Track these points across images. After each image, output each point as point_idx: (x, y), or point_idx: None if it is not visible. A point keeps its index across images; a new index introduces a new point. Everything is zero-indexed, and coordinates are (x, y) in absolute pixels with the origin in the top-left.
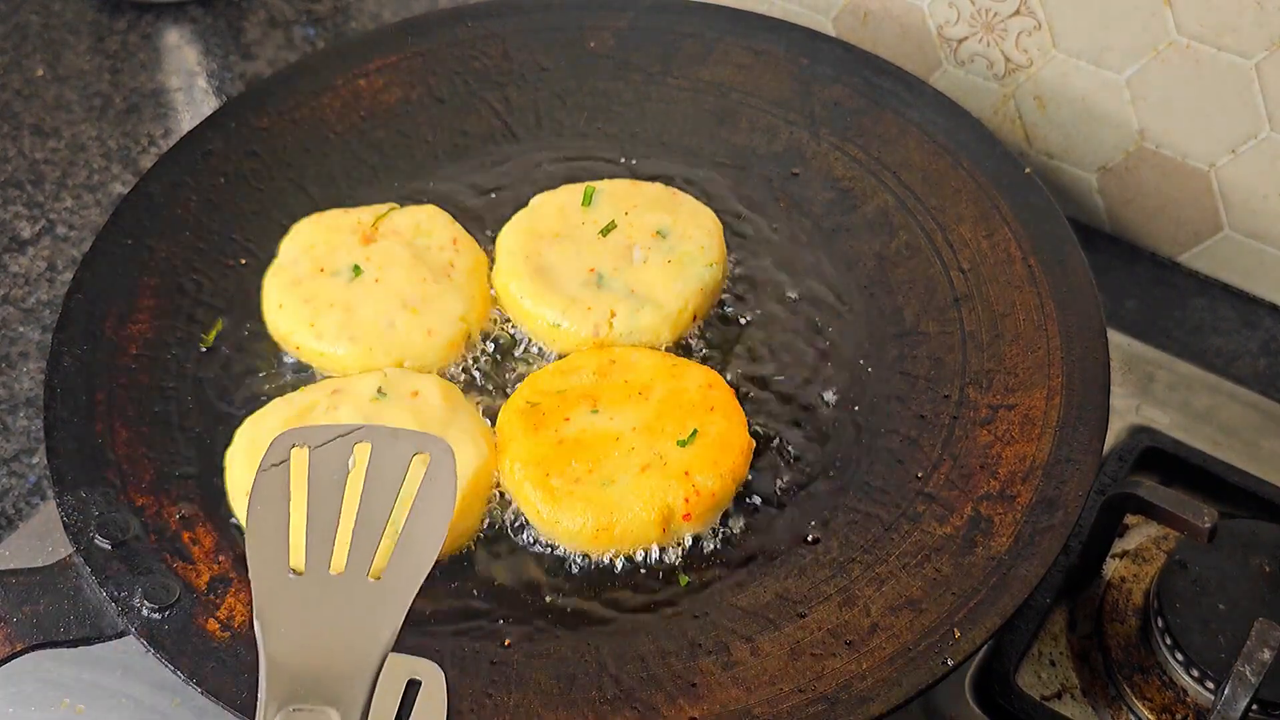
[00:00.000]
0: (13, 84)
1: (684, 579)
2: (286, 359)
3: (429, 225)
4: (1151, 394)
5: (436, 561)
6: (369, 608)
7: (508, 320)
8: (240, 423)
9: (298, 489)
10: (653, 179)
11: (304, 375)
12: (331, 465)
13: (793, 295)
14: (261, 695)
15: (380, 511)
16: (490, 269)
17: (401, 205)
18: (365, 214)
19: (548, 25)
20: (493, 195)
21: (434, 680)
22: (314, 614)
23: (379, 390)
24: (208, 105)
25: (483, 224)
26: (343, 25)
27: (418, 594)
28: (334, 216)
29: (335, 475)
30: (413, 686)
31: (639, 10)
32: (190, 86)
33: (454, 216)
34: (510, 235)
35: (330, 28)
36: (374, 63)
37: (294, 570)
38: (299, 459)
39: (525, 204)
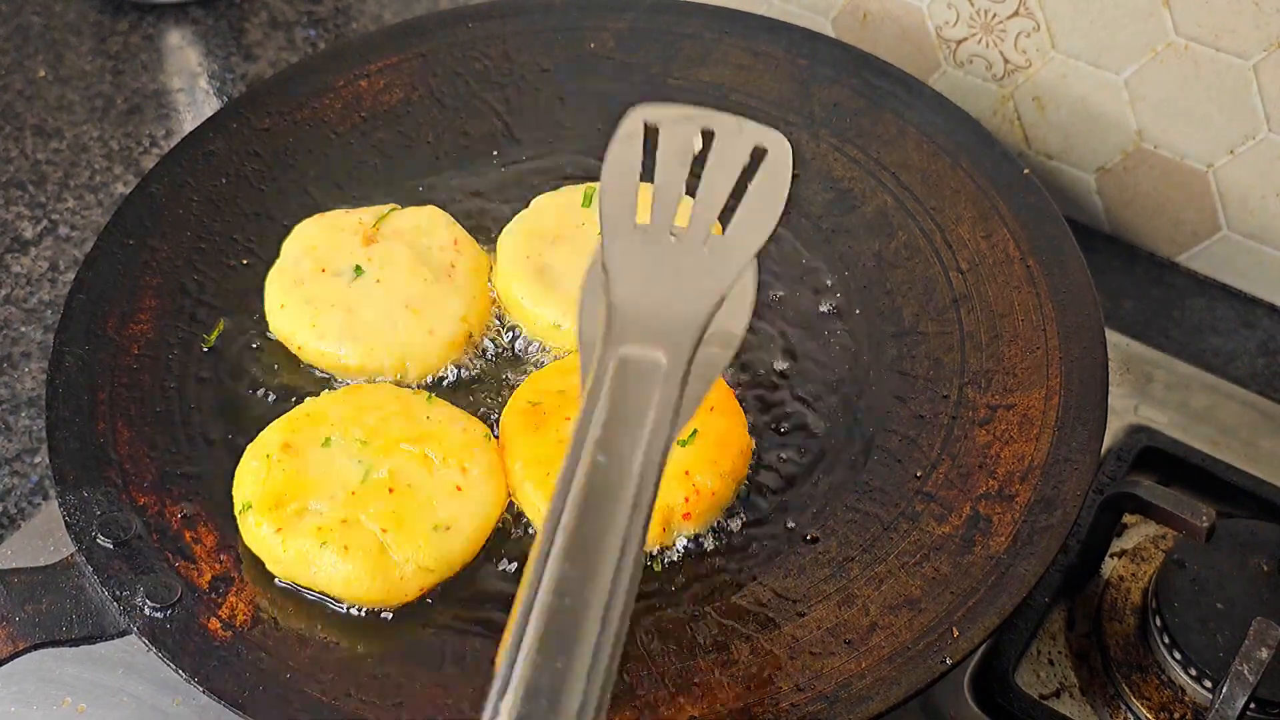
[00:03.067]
0: (15, 85)
1: (682, 577)
2: (288, 359)
3: (430, 226)
4: (1150, 394)
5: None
6: (705, 264)
7: (508, 320)
8: (241, 422)
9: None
10: (653, 179)
11: (305, 375)
12: (679, 139)
13: (791, 295)
14: (600, 337)
15: (723, 185)
16: (491, 269)
17: (403, 206)
18: (367, 214)
19: (548, 26)
20: (493, 196)
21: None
22: (655, 264)
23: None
24: (209, 106)
25: (483, 225)
26: (344, 26)
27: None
28: (335, 217)
29: (682, 148)
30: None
31: (639, 11)
32: (192, 87)
33: (455, 217)
34: (511, 236)
35: (331, 29)
36: (375, 64)
37: (640, 224)
38: (652, 131)
39: (526, 205)
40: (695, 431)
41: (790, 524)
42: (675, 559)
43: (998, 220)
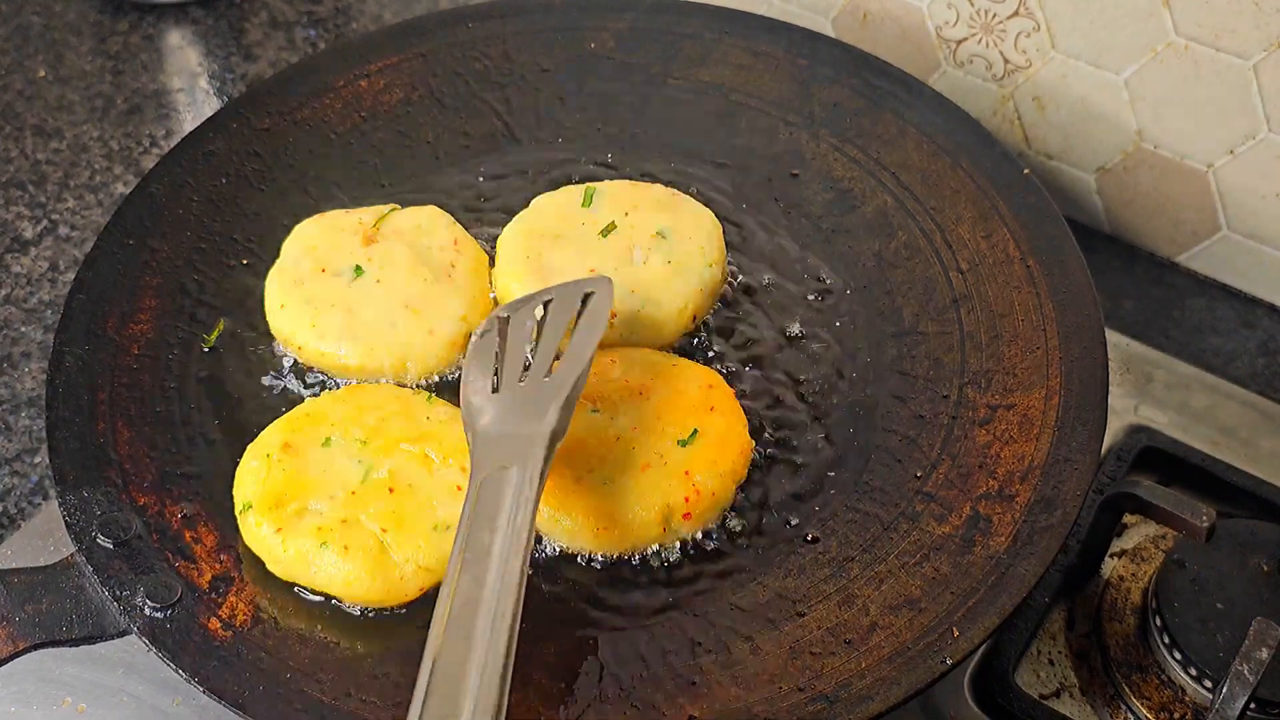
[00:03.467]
0: (15, 85)
1: (684, 576)
2: (288, 359)
3: (430, 226)
4: (1150, 394)
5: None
6: (540, 397)
7: None
8: (241, 422)
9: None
10: (653, 180)
11: (305, 376)
12: (523, 319)
13: (791, 295)
14: (472, 467)
15: (553, 337)
16: (491, 269)
17: (403, 206)
18: (367, 214)
19: (548, 26)
20: (493, 196)
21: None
22: (506, 413)
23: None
24: (209, 106)
25: (483, 224)
26: (344, 26)
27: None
28: (335, 217)
29: (525, 324)
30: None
31: (639, 11)
32: (192, 87)
33: (455, 217)
34: (511, 236)
35: (331, 29)
36: (375, 64)
37: (494, 389)
38: (500, 324)
39: (525, 205)
40: (695, 432)
41: (790, 524)
42: (675, 559)
43: (998, 220)
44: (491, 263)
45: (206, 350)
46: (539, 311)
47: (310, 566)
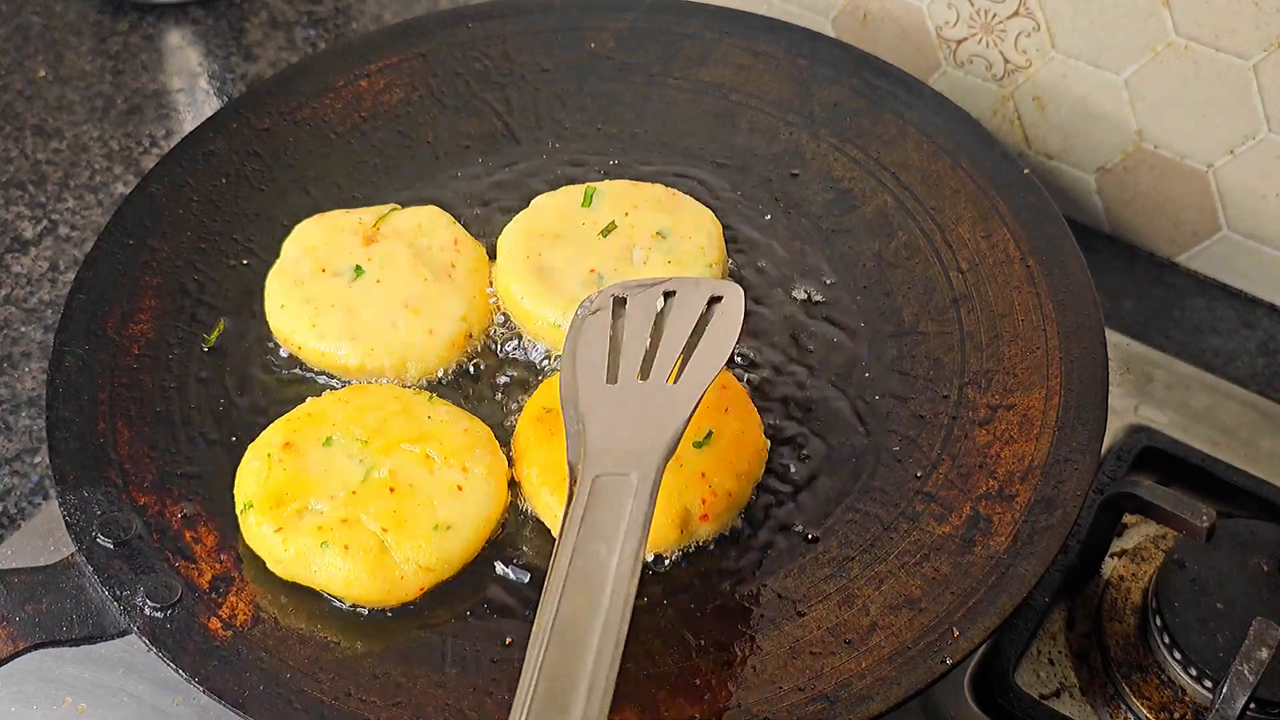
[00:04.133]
0: (15, 85)
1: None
2: (289, 359)
3: (430, 226)
4: (1150, 394)
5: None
6: (666, 403)
7: (509, 321)
8: (241, 422)
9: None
10: (653, 179)
11: (305, 375)
12: (643, 306)
13: (792, 296)
14: (584, 469)
15: (679, 335)
16: (491, 269)
17: (403, 206)
18: (367, 214)
19: (548, 26)
20: (493, 196)
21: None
22: (624, 408)
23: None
24: (209, 106)
25: (483, 224)
26: (344, 26)
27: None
28: (336, 217)
29: (645, 313)
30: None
31: (639, 11)
32: (192, 87)
33: (454, 217)
34: (511, 236)
35: (331, 29)
36: (375, 64)
37: (611, 381)
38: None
39: (526, 205)
40: (710, 434)
41: (790, 524)
42: (675, 559)
43: (998, 220)
44: (492, 263)
45: (206, 350)
46: (660, 302)
47: (311, 566)
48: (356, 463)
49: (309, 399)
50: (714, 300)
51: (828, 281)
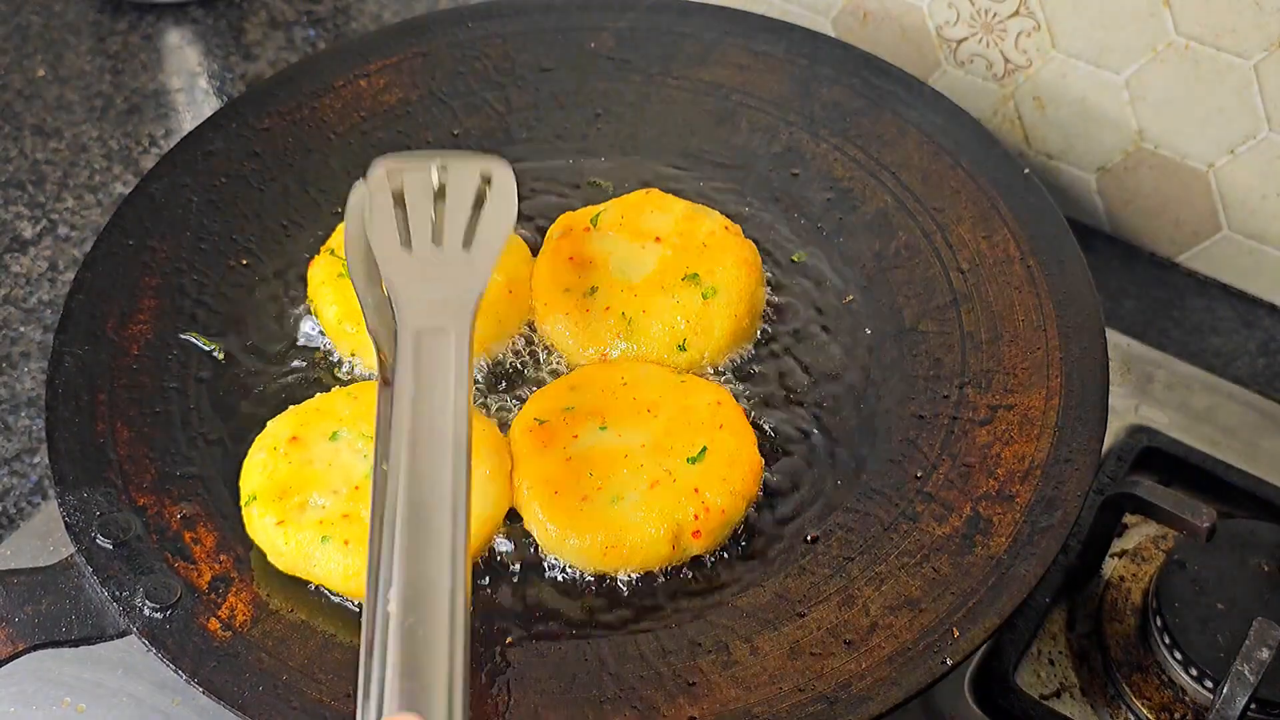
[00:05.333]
0: (14, 84)
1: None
2: (287, 359)
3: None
4: (1150, 394)
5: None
6: (464, 266)
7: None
8: (241, 423)
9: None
10: (653, 180)
11: (305, 376)
12: (420, 182)
13: (791, 295)
14: (396, 332)
15: (463, 204)
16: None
17: None
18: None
19: (548, 26)
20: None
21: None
22: (425, 272)
23: None
24: (209, 106)
25: None
26: (343, 26)
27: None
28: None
29: (424, 187)
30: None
31: (639, 11)
32: (191, 87)
33: None
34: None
35: (331, 28)
36: (375, 63)
37: (405, 246)
38: (395, 179)
39: (525, 204)
40: (705, 449)
41: (790, 524)
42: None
43: (998, 220)
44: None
45: (206, 350)
46: (435, 177)
47: (311, 560)
48: (361, 458)
49: (317, 395)
50: (486, 176)
51: (827, 282)
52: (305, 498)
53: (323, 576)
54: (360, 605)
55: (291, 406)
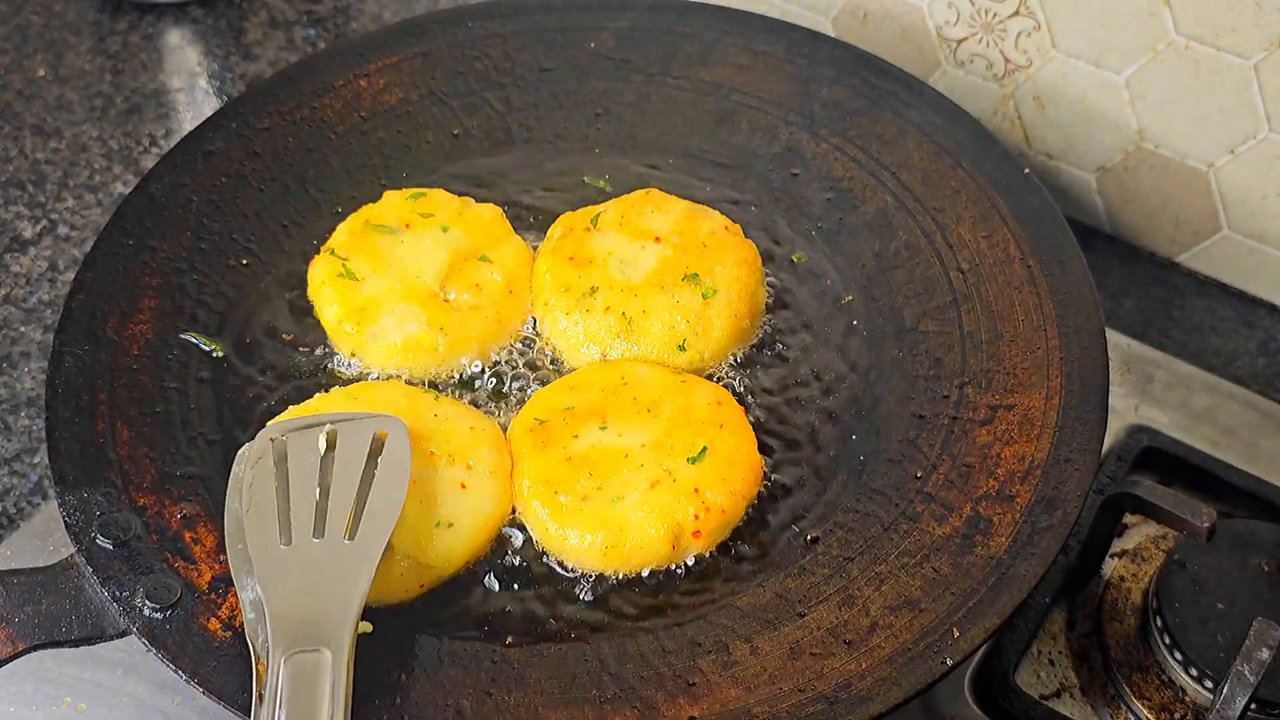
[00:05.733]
0: (14, 84)
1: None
2: (287, 359)
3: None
4: (1150, 394)
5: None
6: (347, 565)
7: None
8: (240, 423)
9: (278, 475)
10: (653, 180)
11: (306, 376)
12: (306, 453)
13: (791, 295)
14: (269, 646)
15: (349, 485)
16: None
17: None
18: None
19: (548, 26)
20: (493, 196)
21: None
22: (302, 573)
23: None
24: (209, 106)
25: None
26: (344, 26)
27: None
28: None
29: (309, 460)
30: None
31: (639, 11)
32: (191, 87)
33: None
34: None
35: (331, 28)
36: (375, 63)
37: (284, 542)
38: (278, 449)
39: (525, 204)
40: (705, 449)
41: (790, 525)
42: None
43: (998, 220)
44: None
45: (206, 350)
46: (322, 443)
47: None
48: None
49: (317, 395)
50: (377, 440)
51: (827, 281)
52: None
53: None
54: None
55: (291, 407)
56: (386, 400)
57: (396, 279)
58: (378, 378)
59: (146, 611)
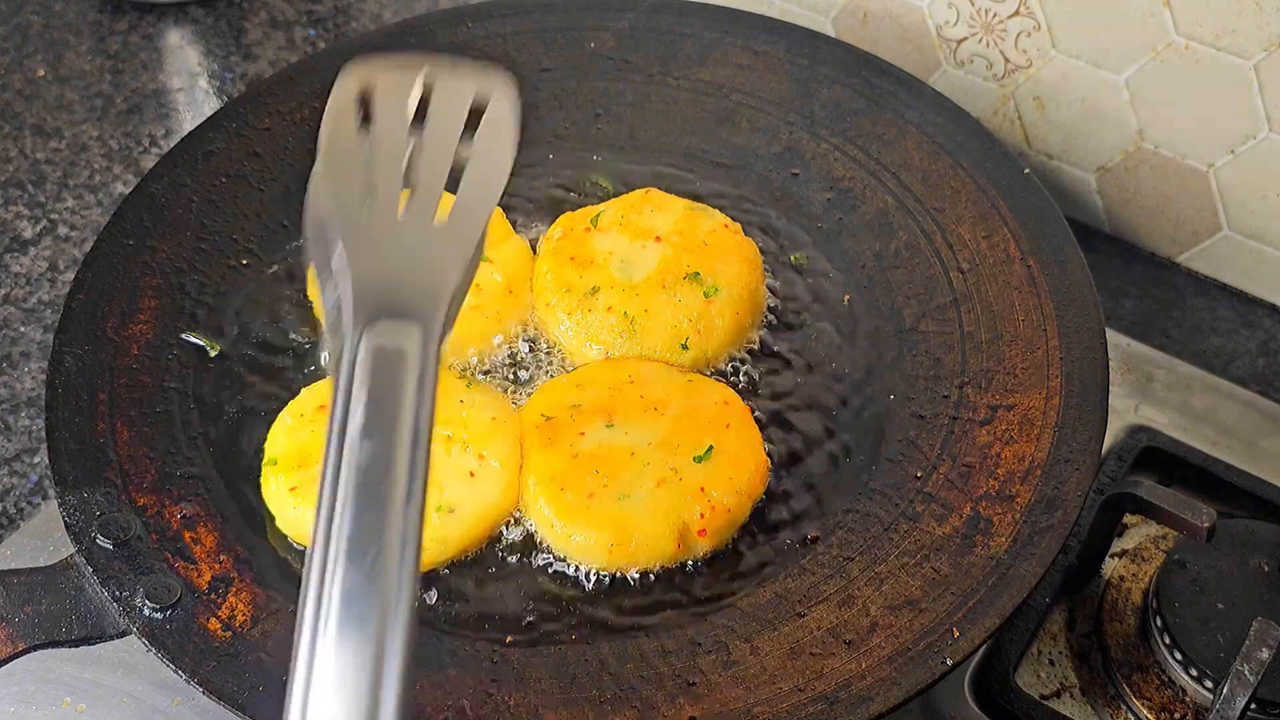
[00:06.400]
0: (14, 84)
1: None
2: (287, 359)
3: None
4: (1150, 394)
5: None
6: (443, 237)
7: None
8: (241, 423)
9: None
10: (653, 180)
11: (304, 376)
12: (395, 105)
13: (791, 295)
14: (347, 315)
15: (444, 152)
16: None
17: None
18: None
19: (548, 26)
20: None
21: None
22: (393, 243)
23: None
24: (209, 106)
25: None
26: (344, 26)
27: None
28: None
29: (399, 117)
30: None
31: (639, 11)
32: (191, 87)
33: None
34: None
35: (331, 28)
36: None
37: (370, 203)
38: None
39: (525, 204)
40: (711, 448)
41: (790, 524)
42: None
43: (998, 220)
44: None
45: (206, 350)
46: (413, 103)
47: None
48: None
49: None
50: (480, 103)
51: (827, 282)
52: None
53: None
54: None
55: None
56: None
57: None
58: None
59: (146, 611)
